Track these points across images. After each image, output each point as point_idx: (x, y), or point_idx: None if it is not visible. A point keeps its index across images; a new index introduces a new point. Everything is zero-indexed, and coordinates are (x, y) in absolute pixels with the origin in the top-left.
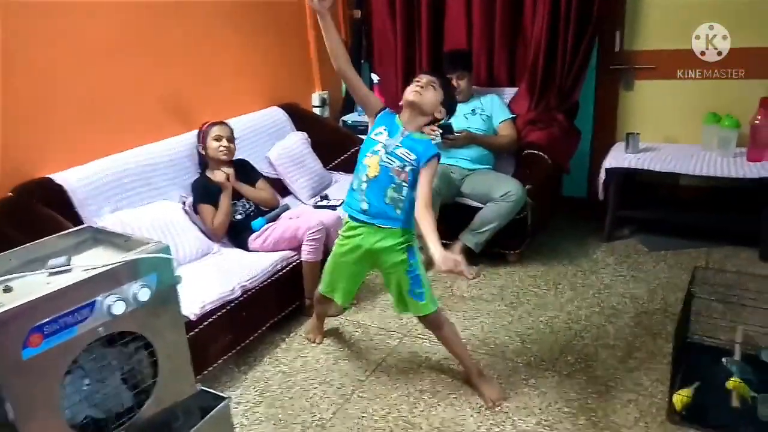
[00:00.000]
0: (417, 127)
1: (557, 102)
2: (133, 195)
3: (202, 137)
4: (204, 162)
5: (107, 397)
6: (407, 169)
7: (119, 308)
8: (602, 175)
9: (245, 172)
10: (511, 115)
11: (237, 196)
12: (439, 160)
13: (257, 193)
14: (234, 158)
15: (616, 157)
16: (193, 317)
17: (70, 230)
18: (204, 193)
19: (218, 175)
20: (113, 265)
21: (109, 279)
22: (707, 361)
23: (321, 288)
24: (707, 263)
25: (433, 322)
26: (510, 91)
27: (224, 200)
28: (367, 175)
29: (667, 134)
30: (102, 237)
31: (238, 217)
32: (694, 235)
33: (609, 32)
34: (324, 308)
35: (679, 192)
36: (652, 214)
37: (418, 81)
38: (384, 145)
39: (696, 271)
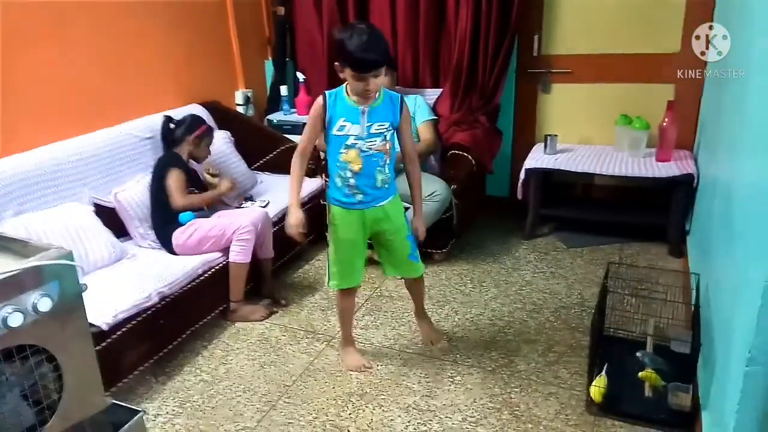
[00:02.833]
0: (374, 98)
1: (480, 104)
2: (39, 197)
3: (200, 133)
4: (175, 142)
5: (5, 416)
6: (388, 136)
7: (16, 320)
8: (522, 175)
9: (198, 179)
10: (431, 117)
11: (195, 183)
12: (403, 99)
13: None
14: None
15: (536, 158)
16: (105, 326)
17: None
18: (180, 164)
19: (224, 184)
20: (9, 273)
21: (5, 288)
22: (622, 353)
23: (343, 284)
24: (620, 259)
25: (418, 281)
26: (433, 93)
27: (213, 195)
28: (351, 171)
29: (582, 135)
30: None
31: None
32: (608, 232)
33: (528, 37)
34: (351, 309)
35: (594, 191)
36: (570, 212)
37: (365, 85)
38: (356, 136)
39: (610, 267)
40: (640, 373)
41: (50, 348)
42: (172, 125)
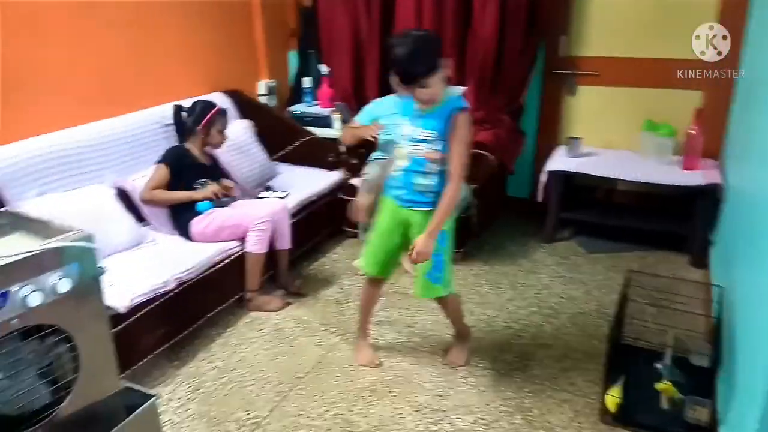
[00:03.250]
0: (433, 103)
1: (504, 103)
2: (62, 179)
3: (208, 120)
4: (186, 132)
5: (21, 394)
6: (437, 146)
7: (35, 299)
8: (544, 178)
9: (216, 168)
10: None
11: (207, 175)
12: (464, 111)
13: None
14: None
15: (558, 160)
16: (122, 310)
17: None
18: (176, 160)
19: (202, 191)
20: (30, 253)
21: (26, 268)
22: (639, 363)
23: (371, 271)
24: (641, 267)
25: (441, 302)
26: (457, 90)
27: (186, 195)
28: (399, 165)
29: (607, 140)
30: (21, 222)
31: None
32: (629, 239)
33: (555, 38)
34: (371, 300)
35: (617, 196)
36: (591, 217)
37: (412, 95)
38: (405, 136)
39: (630, 275)
40: (657, 385)
41: (67, 329)
42: (183, 113)
